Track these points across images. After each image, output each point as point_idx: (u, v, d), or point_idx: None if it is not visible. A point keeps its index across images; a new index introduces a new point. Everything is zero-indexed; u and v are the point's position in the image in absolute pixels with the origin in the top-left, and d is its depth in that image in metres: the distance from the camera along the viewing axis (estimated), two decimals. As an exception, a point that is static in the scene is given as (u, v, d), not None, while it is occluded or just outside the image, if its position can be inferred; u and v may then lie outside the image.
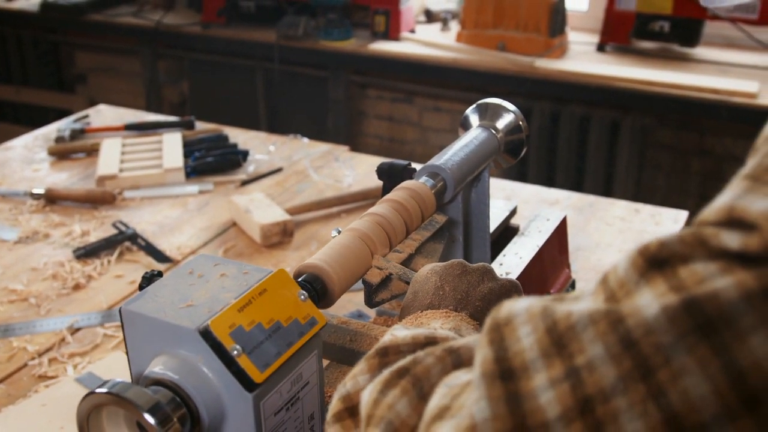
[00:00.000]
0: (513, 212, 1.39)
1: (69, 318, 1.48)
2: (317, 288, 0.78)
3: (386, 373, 0.60)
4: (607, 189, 3.18)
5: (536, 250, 1.21)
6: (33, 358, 1.38)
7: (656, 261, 0.43)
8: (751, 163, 0.45)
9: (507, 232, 1.35)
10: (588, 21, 3.50)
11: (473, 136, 1.11)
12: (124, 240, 1.74)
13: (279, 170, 2.12)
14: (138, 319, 0.66)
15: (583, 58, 3.16)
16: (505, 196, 1.98)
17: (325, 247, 0.84)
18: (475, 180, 1.13)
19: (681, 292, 0.41)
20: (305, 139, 2.30)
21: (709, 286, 0.41)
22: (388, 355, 0.65)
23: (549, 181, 3.25)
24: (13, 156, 2.22)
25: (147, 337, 0.66)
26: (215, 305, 0.66)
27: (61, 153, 2.19)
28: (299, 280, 0.79)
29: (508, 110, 1.16)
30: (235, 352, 0.63)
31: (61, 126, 2.33)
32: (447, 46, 3.24)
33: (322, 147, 2.27)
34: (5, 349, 1.41)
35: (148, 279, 0.71)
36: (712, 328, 0.40)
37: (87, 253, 1.69)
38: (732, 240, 0.41)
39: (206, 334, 0.63)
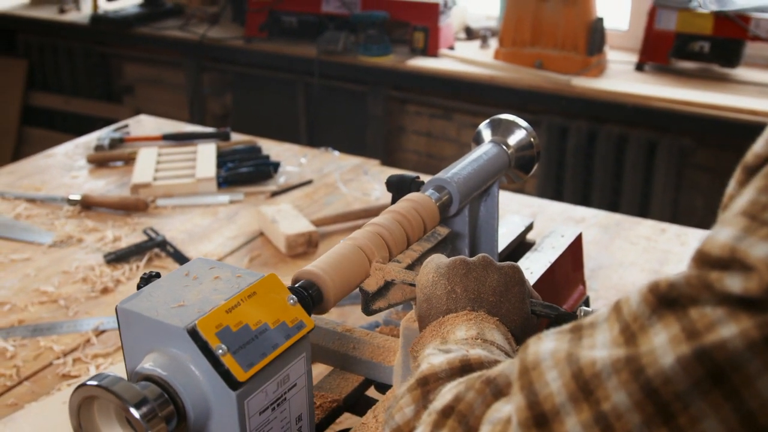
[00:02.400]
0: (529, 228, 1.40)
1: (95, 320, 1.53)
2: (312, 294, 0.81)
3: (433, 414, 0.63)
4: (643, 210, 3.15)
5: (548, 265, 1.22)
6: (58, 358, 1.43)
7: (666, 300, 0.48)
8: (747, 197, 0.48)
9: (522, 248, 1.36)
10: (628, 40, 3.49)
11: (483, 151, 1.13)
12: (153, 246, 1.78)
13: (309, 182, 2.15)
14: (132, 317, 0.69)
15: (621, 77, 3.15)
16: (531, 213, 1.98)
17: (324, 255, 0.86)
18: (485, 194, 1.15)
19: (692, 339, 0.46)
20: (336, 152, 2.33)
21: (717, 336, 0.45)
22: (428, 383, 0.69)
23: (585, 200, 3.24)
24: (54, 163, 2.29)
25: (140, 334, 0.69)
26: (205, 306, 0.68)
27: (99, 161, 2.26)
28: (296, 285, 0.81)
29: (520, 126, 1.18)
30: (220, 351, 0.65)
31: (102, 135, 2.39)
32: (484, 63, 3.26)
33: (352, 160, 2.30)
34: (33, 348, 1.46)
35: (146, 279, 0.75)
36: (723, 374, 0.44)
37: (117, 258, 1.73)
38: (734, 284, 0.45)
39: (194, 333, 0.65)
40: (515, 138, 1.17)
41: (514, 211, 1.96)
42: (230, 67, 3.97)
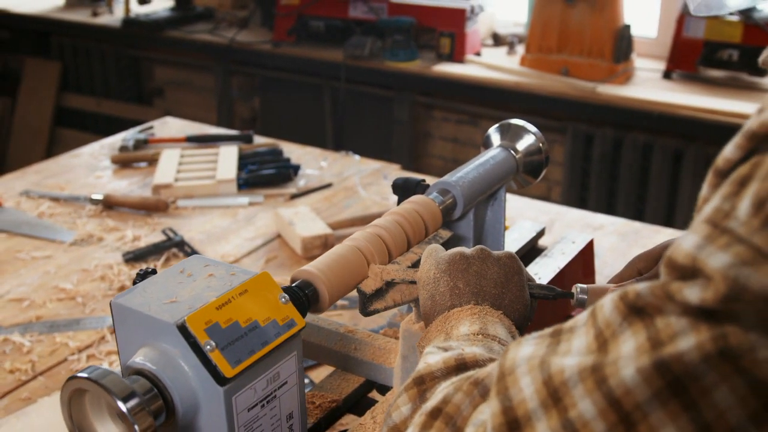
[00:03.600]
0: (540, 233, 1.39)
1: (110, 318, 1.55)
2: (309, 294, 0.81)
3: (422, 415, 0.64)
4: (668, 218, 3.13)
5: (557, 271, 1.22)
6: (73, 354, 1.45)
7: (635, 308, 0.49)
8: (713, 203, 0.48)
9: (533, 253, 1.36)
10: (656, 48, 3.46)
11: (491, 155, 1.13)
12: (171, 246, 1.80)
13: (329, 186, 2.16)
14: (126, 312, 0.71)
15: (648, 84, 3.13)
16: (550, 220, 1.98)
17: (322, 255, 0.87)
18: (492, 198, 1.15)
19: (654, 350, 0.47)
20: (357, 156, 2.34)
21: (675, 348, 0.45)
22: (424, 382, 0.70)
23: (609, 208, 3.22)
24: (79, 163, 2.33)
25: (133, 329, 0.70)
26: (196, 303, 0.69)
27: (123, 161, 2.29)
28: (293, 285, 0.82)
29: (529, 131, 1.17)
30: (209, 347, 0.66)
31: (127, 136, 2.43)
32: (510, 70, 3.25)
33: (373, 164, 2.31)
34: (48, 343, 1.48)
35: (142, 276, 0.76)
36: (681, 385, 0.45)
37: (135, 257, 1.76)
38: (692, 295, 0.46)
39: (183, 329, 0.66)
40: (524, 143, 1.17)
41: (533, 218, 1.96)
42: (258, 71, 4.00)
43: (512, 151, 1.15)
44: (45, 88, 4.74)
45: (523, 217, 1.97)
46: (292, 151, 2.37)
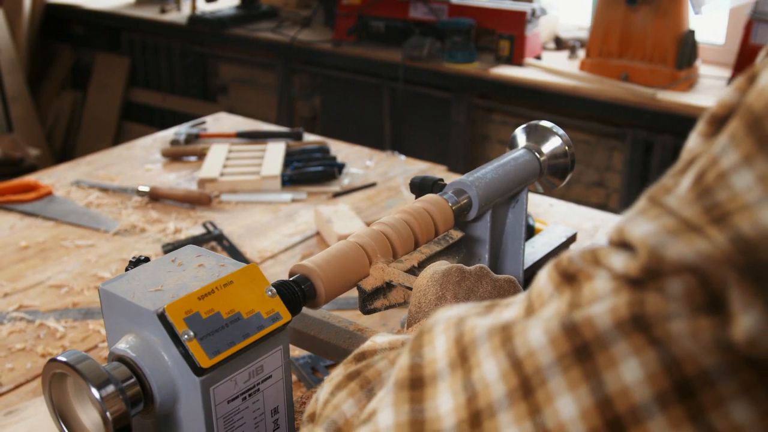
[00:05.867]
0: (572, 239, 1.36)
1: (143, 307, 1.57)
2: (305, 288, 0.81)
3: (340, 376, 0.62)
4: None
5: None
6: (103, 341, 1.48)
7: (566, 275, 0.44)
8: (659, 182, 0.45)
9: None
10: (723, 55, 3.36)
11: (513, 156, 1.10)
12: (210, 239, 1.82)
13: (373, 185, 2.16)
14: (112, 299, 0.71)
15: (711, 92, 3.03)
16: (593, 226, 1.93)
17: (323, 251, 0.86)
18: (512, 200, 1.12)
19: (570, 312, 0.42)
20: (402, 156, 2.33)
21: (588, 311, 0.41)
22: (365, 358, 0.67)
23: (668, 217, 3.13)
24: (131, 155, 2.37)
25: (119, 315, 0.71)
26: (180, 292, 0.69)
27: (173, 155, 2.32)
28: (290, 279, 0.82)
29: (555, 134, 1.15)
30: (186, 337, 0.66)
31: (179, 130, 2.46)
32: (569, 74, 3.20)
33: (419, 165, 2.29)
34: (81, 330, 1.51)
35: (134, 263, 0.76)
36: (587, 352, 0.40)
37: (174, 248, 1.78)
38: (617, 262, 0.42)
39: (162, 318, 0.66)
40: (550, 145, 1.14)
41: (576, 223, 1.92)
42: (319, 70, 4.02)
43: (537, 153, 1.13)
44: (114, 83, 4.86)
45: (566, 222, 1.93)
46: (340, 150, 2.37)
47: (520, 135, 1.17)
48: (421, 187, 1.04)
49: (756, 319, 0.36)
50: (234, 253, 1.78)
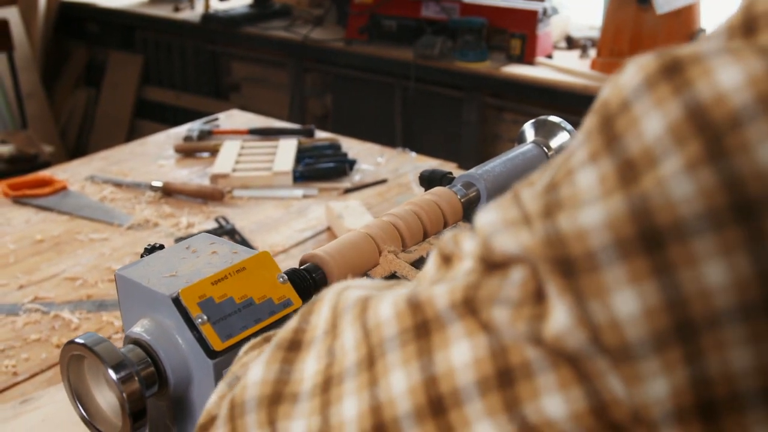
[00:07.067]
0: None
1: (156, 300, 1.59)
2: (316, 277, 0.82)
3: (259, 338, 0.62)
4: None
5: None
6: (117, 333, 1.50)
7: (444, 256, 0.45)
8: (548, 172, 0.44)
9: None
10: (735, 54, 3.36)
11: (521, 150, 1.12)
12: (222, 234, 1.84)
13: (383, 181, 2.17)
14: (127, 284, 0.73)
15: (723, 92, 3.03)
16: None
17: (334, 241, 0.88)
18: (521, 194, 1.14)
19: (417, 289, 0.43)
20: (413, 153, 2.34)
21: (431, 290, 0.42)
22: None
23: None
24: (145, 151, 2.40)
25: (134, 300, 0.73)
26: (194, 277, 0.71)
27: (186, 151, 2.34)
28: (301, 267, 0.83)
29: (564, 129, 1.16)
30: (200, 321, 0.68)
31: (192, 127, 2.49)
32: (579, 73, 3.21)
33: (429, 162, 2.31)
34: (95, 321, 1.53)
35: (149, 250, 0.78)
36: (426, 330, 0.41)
37: (187, 243, 1.80)
38: (467, 246, 0.42)
39: (177, 302, 0.68)
40: (558, 140, 1.15)
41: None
42: (331, 69, 4.04)
43: (545, 148, 1.14)
44: (127, 81, 4.90)
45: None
46: (351, 147, 2.39)
47: (528, 130, 1.18)
48: (430, 180, 1.06)
49: (563, 314, 0.36)
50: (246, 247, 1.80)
